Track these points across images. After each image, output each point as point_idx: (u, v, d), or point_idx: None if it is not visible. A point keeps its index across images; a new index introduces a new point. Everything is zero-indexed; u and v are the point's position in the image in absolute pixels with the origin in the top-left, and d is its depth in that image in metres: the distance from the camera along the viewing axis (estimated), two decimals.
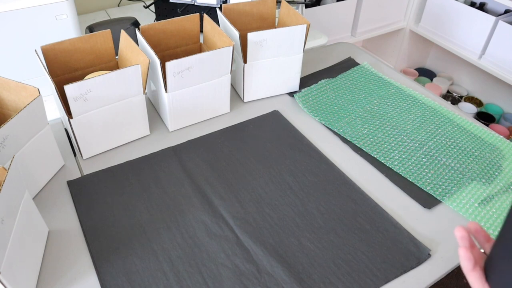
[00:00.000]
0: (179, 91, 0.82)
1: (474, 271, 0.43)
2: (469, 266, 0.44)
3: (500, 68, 1.65)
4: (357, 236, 0.68)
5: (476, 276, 0.43)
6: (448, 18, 1.78)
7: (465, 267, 0.44)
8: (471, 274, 0.44)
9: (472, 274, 0.43)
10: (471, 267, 0.43)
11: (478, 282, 0.43)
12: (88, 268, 0.63)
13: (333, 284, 0.61)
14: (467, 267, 0.44)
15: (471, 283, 0.44)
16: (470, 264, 0.43)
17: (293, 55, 0.93)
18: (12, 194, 0.55)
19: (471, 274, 0.44)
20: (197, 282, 0.61)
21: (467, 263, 0.44)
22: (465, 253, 0.44)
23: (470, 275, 0.44)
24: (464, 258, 0.44)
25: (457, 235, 0.46)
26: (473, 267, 0.43)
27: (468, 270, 0.44)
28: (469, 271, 0.44)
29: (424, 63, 2.26)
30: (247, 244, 0.66)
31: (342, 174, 0.79)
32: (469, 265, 0.44)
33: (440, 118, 0.93)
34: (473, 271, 0.43)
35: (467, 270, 0.44)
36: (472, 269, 0.43)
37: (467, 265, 0.44)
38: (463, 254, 0.44)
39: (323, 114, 0.93)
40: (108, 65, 0.87)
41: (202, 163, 0.80)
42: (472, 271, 0.43)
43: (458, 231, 0.46)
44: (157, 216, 0.70)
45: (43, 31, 0.92)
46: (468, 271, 0.44)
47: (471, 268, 0.43)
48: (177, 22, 0.90)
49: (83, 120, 0.75)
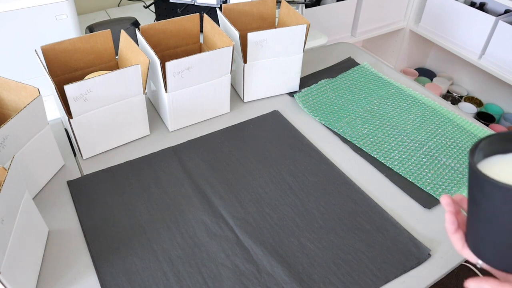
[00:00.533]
0: (179, 91, 0.82)
1: (456, 234, 0.46)
2: (451, 229, 0.46)
3: (500, 68, 1.65)
4: (357, 236, 0.68)
5: (457, 237, 0.46)
6: (448, 18, 1.78)
7: (448, 230, 0.47)
8: (453, 236, 0.46)
9: (453, 236, 0.46)
10: (453, 230, 0.46)
11: (458, 243, 0.46)
12: (88, 268, 0.63)
13: (333, 284, 0.61)
14: (450, 230, 0.47)
15: (453, 244, 0.47)
16: (452, 227, 0.46)
17: (293, 55, 0.93)
18: (12, 194, 0.55)
19: (453, 237, 0.47)
20: (197, 282, 0.61)
21: (450, 226, 0.46)
22: (449, 217, 0.47)
23: (452, 237, 0.47)
24: (447, 222, 0.47)
25: (442, 202, 0.48)
26: (455, 230, 0.46)
27: (450, 232, 0.47)
28: (451, 234, 0.47)
29: (424, 63, 2.26)
30: (247, 244, 0.66)
31: (342, 174, 0.79)
32: (452, 228, 0.46)
33: (440, 118, 0.93)
34: (455, 233, 0.46)
35: (450, 232, 0.47)
36: (454, 231, 0.46)
37: (450, 228, 0.47)
38: (447, 218, 0.47)
39: (323, 114, 0.93)
40: (108, 65, 0.87)
41: (202, 163, 0.80)
42: (453, 234, 0.46)
43: (443, 198, 0.48)
44: (157, 216, 0.70)
45: (43, 31, 0.92)
46: (451, 234, 0.47)
47: (453, 231, 0.46)
48: (177, 22, 0.90)
49: (83, 120, 0.75)
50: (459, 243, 0.46)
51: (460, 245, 0.46)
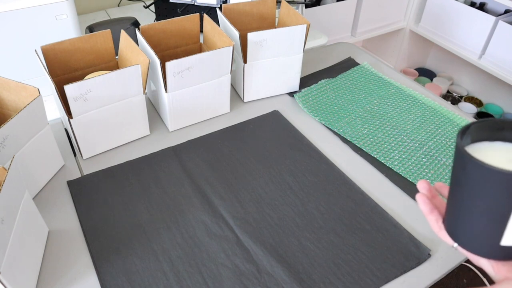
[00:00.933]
0: (179, 91, 0.82)
1: (431, 215, 0.48)
2: (425, 209, 0.48)
3: (500, 68, 1.65)
4: (357, 236, 0.68)
5: (433, 218, 0.47)
6: (448, 18, 1.78)
7: (423, 211, 0.48)
8: (429, 217, 0.48)
9: (429, 217, 0.48)
10: (428, 210, 0.48)
11: (435, 224, 0.47)
12: (88, 268, 0.63)
13: (333, 284, 0.61)
14: (424, 210, 0.48)
15: (430, 225, 0.48)
16: (426, 207, 0.48)
17: (293, 55, 0.93)
18: (12, 194, 0.55)
19: (429, 217, 0.48)
20: (197, 282, 0.61)
21: (424, 206, 0.48)
22: (421, 197, 0.48)
23: (428, 218, 0.48)
24: (420, 202, 0.48)
25: (419, 186, 0.50)
26: (430, 210, 0.48)
27: (425, 213, 0.48)
28: (427, 214, 0.48)
29: (424, 63, 2.26)
30: (247, 244, 0.66)
31: (342, 174, 0.79)
32: (426, 208, 0.48)
33: (440, 118, 0.93)
34: (431, 214, 0.48)
35: (425, 213, 0.48)
36: (429, 212, 0.48)
37: (424, 209, 0.48)
38: (419, 198, 0.48)
39: (323, 114, 0.93)
40: (108, 65, 0.87)
41: (202, 163, 0.80)
42: (429, 214, 0.48)
43: (420, 183, 0.50)
44: (157, 216, 0.70)
45: (43, 31, 0.92)
46: (426, 214, 0.48)
47: (429, 212, 0.48)
48: (177, 22, 0.90)
49: (83, 120, 0.75)
50: (436, 225, 0.47)
51: (437, 226, 0.47)
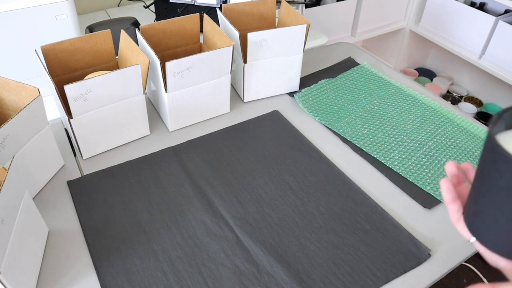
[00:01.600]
0: (179, 91, 0.82)
1: (453, 204, 0.43)
2: (447, 197, 0.44)
3: (500, 68, 1.65)
4: (357, 236, 0.68)
5: (454, 208, 0.43)
6: (448, 18, 1.78)
7: (445, 198, 0.44)
8: (450, 206, 0.44)
9: (450, 206, 0.44)
10: (449, 199, 0.44)
11: (454, 215, 0.43)
12: (88, 268, 0.63)
13: (333, 284, 0.61)
14: (446, 198, 0.44)
15: (449, 214, 0.44)
16: (449, 195, 0.43)
17: (293, 55, 0.93)
18: (12, 194, 0.55)
19: (450, 206, 0.44)
20: (197, 282, 0.61)
21: (446, 194, 0.44)
22: (445, 183, 0.44)
23: (449, 207, 0.44)
24: (443, 189, 0.44)
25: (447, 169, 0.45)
26: (452, 199, 0.43)
27: (447, 201, 0.44)
28: (448, 203, 0.44)
29: (424, 63, 2.26)
30: (247, 244, 0.66)
31: (342, 174, 0.79)
32: (448, 196, 0.44)
33: (440, 118, 0.93)
34: (452, 203, 0.43)
35: (447, 201, 0.44)
36: (451, 201, 0.44)
37: (446, 196, 0.44)
38: (443, 185, 0.44)
39: (323, 114, 0.93)
40: (108, 65, 0.87)
41: (202, 163, 0.80)
42: (450, 203, 0.44)
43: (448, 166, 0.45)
44: (157, 216, 0.70)
45: (43, 31, 0.92)
46: (447, 203, 0.44)
47: (450, 200, 0.43)
48: (177, 22, 0.90)
49: (83, 120, 0.75)
50: (455, 215, 0.43)
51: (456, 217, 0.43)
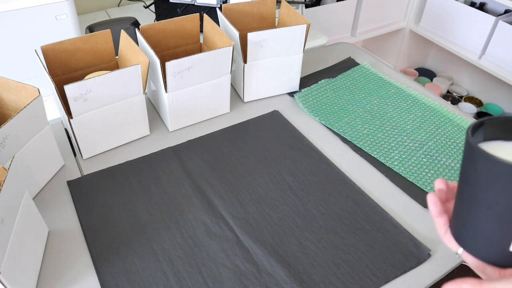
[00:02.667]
0: (179, 91, 0.82)
1: (440, 217, 0.44)
2: (434, 211, 0.45)
3: (500, 68, 1.65)
4: (357, 236, 0.68)
5: (441, 222, 0.44)
6: (448, 18, 1.78)
7: (431, 212, 0.45)
8: (437, 219, 0.45)
9: (437, 219, 0.45)
10: (436, 213, 0.45)
11: (441, 228, 0.44)
12: (88, 268, 0.63)
13: (333, 284, 0.61)
14: (433, 212, 0.45)
15: (436, 229, 0.45)
16: (435, 209, 0.44)
17: (293, 55, 0.93)
18: (12, 194, 0.55)
19: (436, 220, 0.45)
20: (197, 282, 0.61)
21: (433, 208, 0.45)
22: (431, 198, 0.45)
23: (436, 221, 0.45)
24: (429, 202, 0.45)
25: (436, 186, 0.46)
26: (439, 213, 0.44)
27: (434, 215, 0.45)
28: (435, 217, 0.45)
29: (424, 63, 2.26)
30: (247, 244, 0.66)
31: (342, 174, 0.79)
32: (435, 210, 0.45)
33: (440, 118, 0.93)
34: (439, 217, 0.44)
35: (433, 215, 0.45)
36: (437, 215, 0.44)
37: (433, 210, 0.45)
38: (429, 199, 0.45)
39: (323, 114, 0.93)
40: (108, 65, 0.87)
41: (202, 163, 0.80)
42: (437, 217, 0.45)
43: (438, 183, 0.46)
44: (157, 216, 0.70)
45: (43, 31, 0.92)
46: (434, 217, 0.45)
47: (437, 214, 0.44)
48: (177, 22, 0.90)
49: (83, 120, 0.75)
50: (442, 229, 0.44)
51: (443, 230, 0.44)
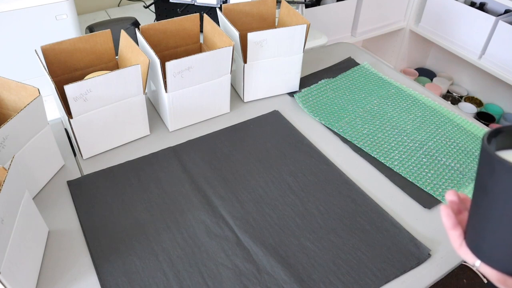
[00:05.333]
0: (179, 91, 0.82)
1: (454, 230, 0.44)
2: (448, 224, 0.44)
3: (500, 68, 1.65)
4: (357, 236, 0.68)
5: (456, 234, 0.44)
6: (448, 18, 1.78)
7: (445, 224, 0.45)
8: (451, 232, 0.44)
9: (451, 232, 0.44)
10: (450, 225, 0.44)
11: (456, 241, 0.44)
12: (88, 268, 0.63)
13: (333, 284, 0.61)
14: (447, 224, 0.44)
15: (451, 242, 0.45)
16: (449, 221, 0.44)
17: (293, 55, 0.93)
18: (12, 194, 0.55)
19: (451, 233, 0.44)
20: (197, 282, 0.61)
21: (447, 220, 0.44)
22: (444, 210, 0.44)
23: (450, 234, 0.45)
24: (443, 215, 0.45)
25: (448, 198, 0.46)
26: (453, 225, 0.44)
27: (448, 227, 0.45)
28: (449, 229, 0.45)
29: (424, 63, 2.26)
30: (247, 244, 0.66)
31: (342, 174, 0.79)
32: (448, 223, 0.44)
33: (440, 118, 0.93)
34: (453, 229, 0.44)
35: (447, 227, 0.45)
36: (451, 227, 0.44)
37: (446, 222, 0.44)
38: (443, 211, 0.45)
39: (323, 114, 0.93)
40: (108, 65, 0.87)
41: (202, 163, 0.80)
42: (451, 230, 0.44)
43: (449, 195, 0.46)
44: (157, 216, 0.70)
45: (43, 31, 0.92)
46: (448, 229, 0.45)
47: (451, 227, 0.44)
48: (177, 22, 0.90)
49: (83, 120, 0.75)
50: (457, 241, 0.44)
51: (458, 243, 0.44)
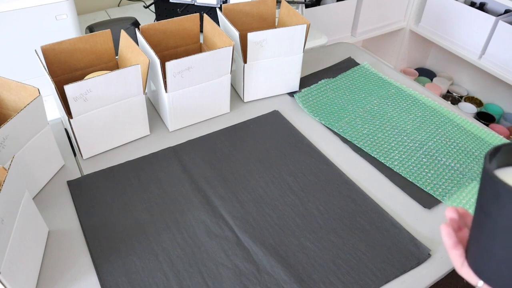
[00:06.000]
0: (179, 91, 0.82)
1: (455, 249, 0.43)
2: (449, 243, 0.43)
3: (500, 68, 1.65)
4: (357, 236, 0.68)
5: (457, 253, 0.43)
6: (448, 18, 1.78)
7: (446, 243, 0.44)
8: (452, 252, 0.44)
9: (452, 251, 0.43)
10: (451, 244, 0.43)
11: (458, 260, 0.43)
12: (88, 268, 0.63)
13: (333, 284, 0.61)
14: (447, 243, 0.44)
15: (452, 261, 0.44)
16: (450, 241, 0.43)
17: (293, 55, 0.93)
18: (12, 194, 0.55)
19: (452, 252, 0.44)
20: (197, 282, 0.61)
21: (447, 239, 0.43)
22: (445, 229, 0.44)
23: (451, 253, 0.44)
24: (444, 234, 0.44)
25: (447, 215, 0.46)
26: (454, 244, 0.43)
27: (448, 247, 0.44)
28: (450, 249, 0.44)
29: (424, 63, 2.26)
30: (247, 244, 0.66)
31: (342, 174, 0.79)
32: (449, 242, 0.43)
33: (440, 118, 0.93)
34: (454, 248, 0.43)
35: (448, 247, 0.44)
36: (452, 246, 0.43)
37: (447, 242, 0.44)
38: (443, 230, 0.44)
39: (323, 114, 0.93)
40: (108, 65, 0.87)
41: (202, 163, 0.80)
42: (452, 249, 0.43)
43: (449, 212, 0.45)
44: (157, 216, 0.70)
45: (43, 31, 0.92)
46: (449, 249, 0.44)
47: (452, 246, 0.43)
48: (177, 22, 0.90)
49: (83, 120, 0.75)
50: (459, 260, 0.43)
51: (460, 262, 0.43)
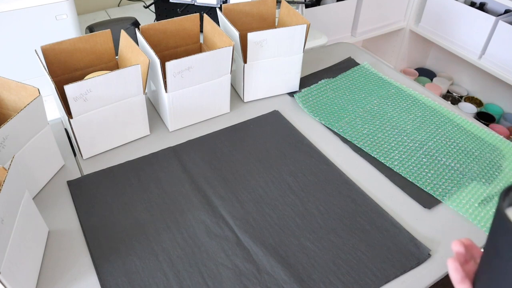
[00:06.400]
0: (179, 91, 0.82)
1: (463, 284, 0.43)
2: (456, 277, 0.44)
3: (500, 68, 1.65)
4: (357, 236, 0.68)
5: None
6: (448, 18, 1.78)
7: (453, 278, 0.44)
8: (459, 286, 0.44)
9: (459, 286, 0.43)
10: (459, 279, 0.43)
11: None
12: (88, 268, 0.63)
13: (333, 284, 0.61)
14: (454, 278, 0.44)
15: None
16: (457, 275, 0.43)
17: (293, 55, 0.93)
18: (12, 194, 0.55)
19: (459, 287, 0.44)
20: (197, 282, 0.61)
21: (455, 274, 0.44)
22: (452, 264, 0.44)
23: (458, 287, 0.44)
24: (451, 269, 0.44)
25: (454, 249, 0.46)
26: (462, 279, 0.43)
27: (456, 281, 0.44)
28: (457, 283, 0.44)
29: (424, 63, 2.26)
30: (247, 244, 0.66)
31: (342, 174, 0.79)
32: (457, 277, 0.43)
33: (440, 118, 0.93)
34: (461, 283, 0.43)
35: (455, 281, 0.44)
36: (460, 281, 0.43)
37: (454, 276, 0.44)
38: (450, 265, 0.44)
39: (323, 114, 0.93)
40: (108, 65, 0.87)
41: (202, 163, 0.80)
42: (460, 283, 0.43)
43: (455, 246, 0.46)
44: (157, 216, 0.70)
45: (43, 31, 0.92)
46: (456, 283, 0.44)
47: (459, 280, 0.43)
48: (177, 22, 0.90)
49: (83, 120, 0.75)
50: None
51: None
